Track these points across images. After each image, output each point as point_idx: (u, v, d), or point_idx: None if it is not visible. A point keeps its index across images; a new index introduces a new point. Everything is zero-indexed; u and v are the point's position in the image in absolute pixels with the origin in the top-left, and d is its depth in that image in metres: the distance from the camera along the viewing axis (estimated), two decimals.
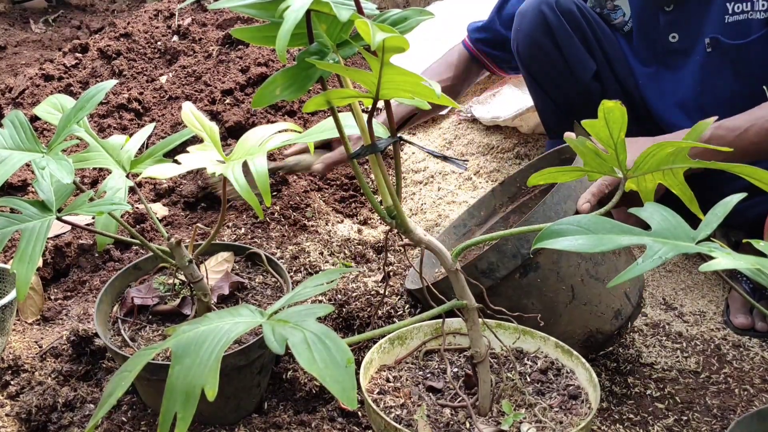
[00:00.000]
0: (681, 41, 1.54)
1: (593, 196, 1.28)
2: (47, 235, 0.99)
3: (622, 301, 1.31)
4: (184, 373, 0.70)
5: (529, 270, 1.24)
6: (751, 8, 1.42)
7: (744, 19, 1.43)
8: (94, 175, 2.01)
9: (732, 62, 1.47)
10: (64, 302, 1.60)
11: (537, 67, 1.68)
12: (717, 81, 1.51)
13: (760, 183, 0.83)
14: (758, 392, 1.34)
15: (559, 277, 1.25)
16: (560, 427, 0.97)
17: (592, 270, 1.27)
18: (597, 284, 1.27)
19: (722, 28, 1.45)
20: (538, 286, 1.25)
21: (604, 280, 1.28)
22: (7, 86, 2.49)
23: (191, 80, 2.36)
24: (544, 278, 1.24)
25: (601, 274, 1.27)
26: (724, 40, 1.45)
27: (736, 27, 1.44)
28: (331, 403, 1.27)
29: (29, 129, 1.04)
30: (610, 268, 1.28)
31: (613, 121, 0.86)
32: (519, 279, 1.24)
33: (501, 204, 1.64)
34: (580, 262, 1.26)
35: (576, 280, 1.26)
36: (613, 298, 1.29)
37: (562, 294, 1.26)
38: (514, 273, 1.23)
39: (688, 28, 1.52)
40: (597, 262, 1.27)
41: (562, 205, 1.25)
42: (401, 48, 0.73)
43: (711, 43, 1.47)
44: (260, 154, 1.05)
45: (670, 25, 1.54)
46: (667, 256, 0.71)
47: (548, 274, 1.24)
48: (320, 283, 0.87)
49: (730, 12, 1.44)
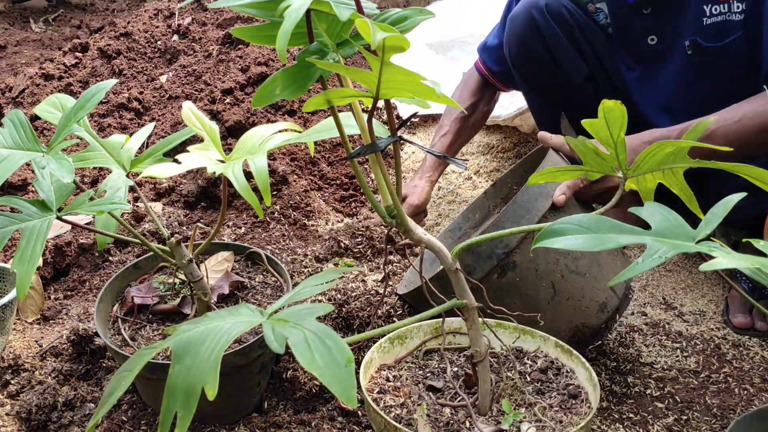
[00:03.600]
0: (659, 43, 1.54)
1: (568, 188, 1.28)
2: (47, 234, 0.99)
3: (606, 293, 1.29)
4: (185, 372, 0.70)
5: (506, 269, 1.23)
6: (728, 9, 1.42)
7: (722, 21, 1.43)
8: (94, 175, 2.02)
9: (711, 64, 1.47)
10: (64, 301, 1.60)
11: (529, 70, 1.68)
12: (698, 82, 1.51)
13: (759, 182, 0.83)
14: (758, 391, 1.34)
15: (538, 274, 1.24)
16: (560, 426, 0.97)
17: (571, 265, 1.26)
18: (578, 278, 1.27)
19: (700, 30, 1.45)
20: (517, 285, 1.24)
21: (585, 274, 1.27)
22: (7, 85, 2.49)
23: (191, 80, 2.36)
24: (523, 277, 1.24)
25: (581, 268, 1.27)
26: (702, 42, 1.46)
27: (714, 29, 1.44)
28: (331, 402, 1.27)
29: (29, 128, 1.04)
30: (591, 262, 1.28)
31: (613, 120, 0.87)
32: (498, 279, 1.24)
33: (494, 205, 1.64)
34: (558, 257, 1.25)
35: (556, 276, 1.25)
36: (597, 291, 1.28)
37: (543, 291, 1.25)
38: (491, 274, 1.23)
39: (665, 31, 1.52)
40: (576, 256, 1.27)
41: (533, 203, 1.24)
42: (401, 47, 0.73)
43: (691, 46, 1.47)
44: (260, 154, 1.05)
45: (648, 28, 1.54)
46: (667, 255, 0.71)
47: (527, 273, 1.24)
48: (320, 282, 0.87)
49: (707, 14, 1.44)
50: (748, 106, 1.34)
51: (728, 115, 1.33)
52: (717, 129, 1.32)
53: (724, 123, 1.33)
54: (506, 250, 1.22)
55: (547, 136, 1.39)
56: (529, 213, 1.23)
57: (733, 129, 1.32)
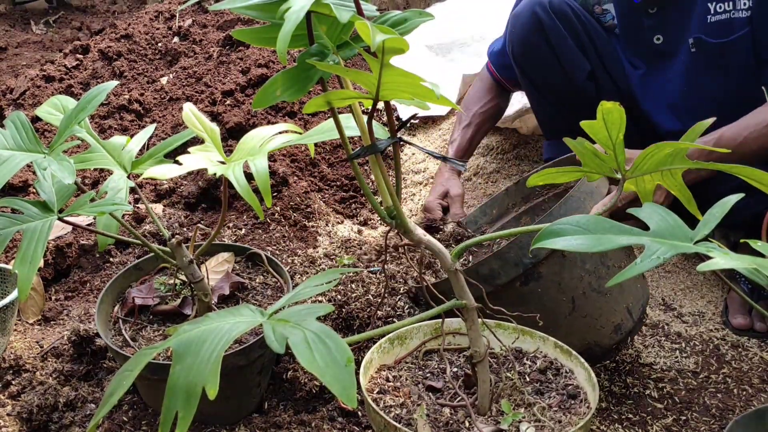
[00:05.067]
0: (665, 43, 1.55)
1: (606, 210, 1.28)
2: (49, 235, 1.00)
3: (623, 315, 1.29)
4: (185, 372, 0.71)
5: (530, 279, 1.23)
6: (733, 7, 1.43)
7: (726, 19, 1.44)
8: (95, 176, 2.02)
9: (716, 61, 1.48)
10: (65, 302, 1.61)
11: (531, 68, 1.69)
12: (703, 80, 1.52)
13: (757, 184, 0.84)
14: (757, 392, 1.35)
15: (560, 288, 1.24)
16: (559, 426, 0.97)
17: (594, 284, 1.26)
18: (599, 298, 1.26)
19: (705, 27, 1.46)
20: (538, 295, 1.24)
21: (606, 294, 1.26)
22: (8, 87, 2.50)
23: (192, 81, 2.37)
24: (545, 288, 1.24)
25: (604, 288, 1.26)
26: (707, 39, 1.46)
27: (718, 26, 1.45)
28: (331, 402, 1.27)
29: (31, 130, 1.04)
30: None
31: (611, 122, 0.87)
32: (519, 287, 1.23)
33: (514, 203, 1.64)
34: (583, 275, 1.25)
35: (578, 292, 1.25)
36: (614, 313, 1.28)
37: (563, 305, 1.25)
38: (515, 281, 1.22)
39: (671, 30, 1.53)
40: (600, 275, 1.26)
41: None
42: (401, 49, 0.74)
43: (695, 43, 1.48)
44: (261, 155, 1.05)
45: (654, 27, 1.55)
46: (665, 256, 0.71)
47: (549, 285, 1.24)
48: (320, 283, 0.88)
49: (712, 12, 1.45)
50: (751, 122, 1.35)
51: (731, 134, 1.34)
52: (749, 135, 1.34)
53: (755, 128, 1.34)
54: (534, 261, 1.21)
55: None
56: None
57: (765, 133, 1.33)
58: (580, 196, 1.24)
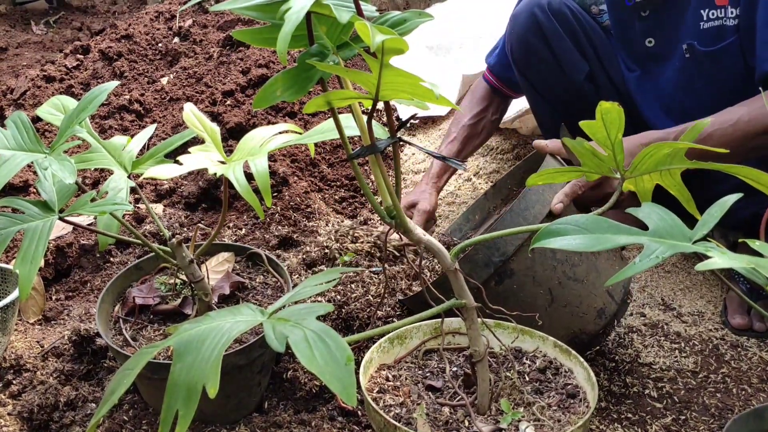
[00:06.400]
0: (657, 46, 1.55)
1: (566, 197, 1.28)
2: (50, 235, 1.00)
3: (604, 299, 1.30)
4: (186, 370, 0.71)
5: (504, 277, 1.23)
6: (724, 15, 1.43)
7: (718, 26, 1.44)
8: (95, 176, 2.02)
9: (708, 67, 1.49)
10: (65, 302, 1.61)
11: (530, 68, 1.69)
12: (696, 85, 1.52)
13: (756, 184, 0.84)
14: (756, 392, 1.35)
15: (535, 281, 1.24)
16: (558, 425, 0.98)
17: (569, 272, 1.26)
18: (576, 285, 1.27)
19: (697, 34, 1.47)
20: (515, 293, 1.24)
21: (583, 280, 1.27)
22: (9, 87, 2.50)
23: (192, 81, 2.37)
24: (521, 284, 1.24)
25: (579, 274, 1.27)
26: (698, 46, 1.47)
27: (710, 33, 1.45)
28: (331, 402, 1.27)
29: (32, 130, 1.05)
30: (589, 268, 1.28)
31: (610, 121, 0.87)
32: (495, 287, 1.24)
33: (494, 206, 1.64)
34: (555, 264, 1.25)
35: (553, 283, 1.25)
36: (594, 298, 1.28)
37: (541, 298, 1.25)
38: (488, 281, 1.23)
39: (663, 34, 1.53)
40: (574, 263, 1.27)
41: (530, 210, 1.24)
42: (400, 50, 0.74)
43: (688, 50, 1.49)
44: (261, 155, 1.05)
45: (647, 31, 1.55)
46: (664, 255, 0.71)
47: (524, 280, 1.24)
48: (320, 282, 0.88)
49: (705, 18, 1.45)
50: (744, 109, 1.35)
51: (725, 118, 1.34)
52: (713, 132, 1.32)
53: (720, 126, 1.33)
54: (503, 258, 1.22)
55: (543, 143, 1.39)
56: (526, 221, 1.23)
57: (729, 132, 1.33)
58: (538, 188, 1.26)
